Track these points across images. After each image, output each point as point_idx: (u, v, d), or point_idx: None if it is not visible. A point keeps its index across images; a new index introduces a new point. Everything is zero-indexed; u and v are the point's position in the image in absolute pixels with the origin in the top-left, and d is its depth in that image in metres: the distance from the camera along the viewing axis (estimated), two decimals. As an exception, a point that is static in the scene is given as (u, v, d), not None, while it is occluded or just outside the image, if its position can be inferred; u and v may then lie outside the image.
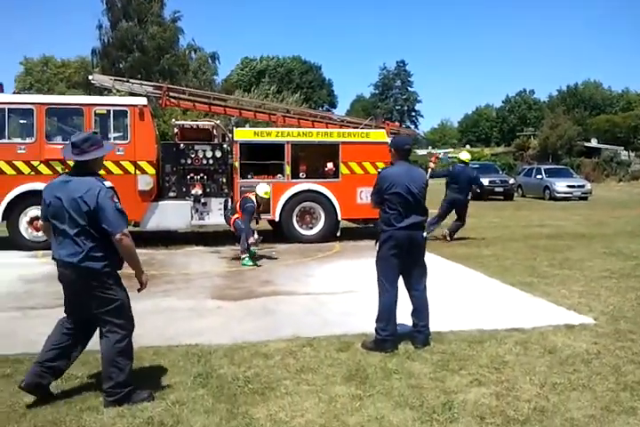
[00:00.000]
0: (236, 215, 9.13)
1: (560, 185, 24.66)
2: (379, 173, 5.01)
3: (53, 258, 3.80)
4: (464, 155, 12.66)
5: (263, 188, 9.15)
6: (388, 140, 10.74)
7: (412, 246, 4.83)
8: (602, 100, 78.94)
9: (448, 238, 11.43)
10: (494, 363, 4.51)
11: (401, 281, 4.99)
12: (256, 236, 9.04)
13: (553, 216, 16.92)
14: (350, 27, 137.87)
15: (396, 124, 16.82)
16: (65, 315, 3.94)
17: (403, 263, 4.87)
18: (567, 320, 5.64)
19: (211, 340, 5.05)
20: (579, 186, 25.06)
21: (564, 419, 3.56)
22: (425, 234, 4.93)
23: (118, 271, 3.83)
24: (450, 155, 62.12)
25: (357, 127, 12.59)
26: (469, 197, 12.18)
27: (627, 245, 10.73)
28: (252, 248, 9.02)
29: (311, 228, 11.23)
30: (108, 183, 3.68)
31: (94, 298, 3.70)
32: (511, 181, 25.62)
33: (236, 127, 12.22)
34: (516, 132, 72.42)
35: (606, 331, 5.34)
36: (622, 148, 54.22)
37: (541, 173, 26.03)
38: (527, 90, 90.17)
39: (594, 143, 54.48)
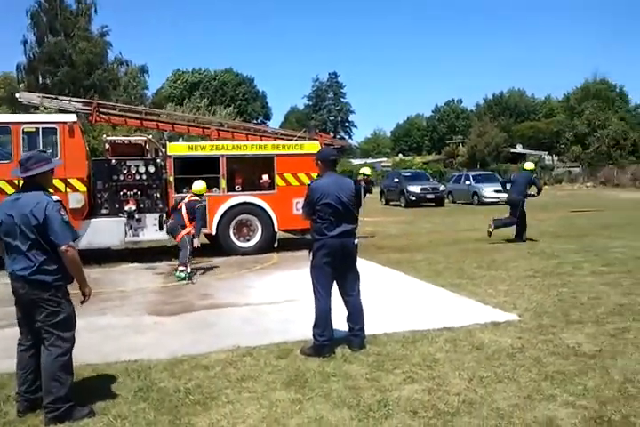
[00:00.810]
0: (187, 230, 9.06)
1: (487, 190, 25.66)
2: (308, 185, 5.21)
3: (8, 273, 3.88)
4: (528, 164, 14.39)
5: (200, 184, 9.31)
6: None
7: (345, 254, 5.04)
8: (526, 107, 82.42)
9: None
10: (426, 361, 4.75)
11: (335, 287, 5.18)
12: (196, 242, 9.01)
13: (481, 220, 17.53)
14: (282, 39, 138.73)
15: (329, 135, 17.20)
16: (19, 337, 3.99)
17: (336, 270, 5.06)
18: (493, 318, 5.96)
19: (150, 355, 5.07)
20: (505, 191, 26.07)
21: (490, 409, 3.80)
22: (356, 241, 5.14)
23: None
24: (382, 164, 63.38)
25: (291, 139, 12.79)
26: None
27: (549, 245, 11.34)
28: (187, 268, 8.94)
29: (248, 240, 11.31)
30: (55, 197, 3.84)
31: (43, 310, 3.75)
32: (442, 187, 26.52)
33: (170, 142, 12.19)
34: (445, 141, 74.54)
35: (530, 326, 5.69)
36: (546, 152, 56.73)
37: (470, 180, 27.05)
38: (455, 99, 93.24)
39: (519, 149, 56.83)
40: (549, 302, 6.69)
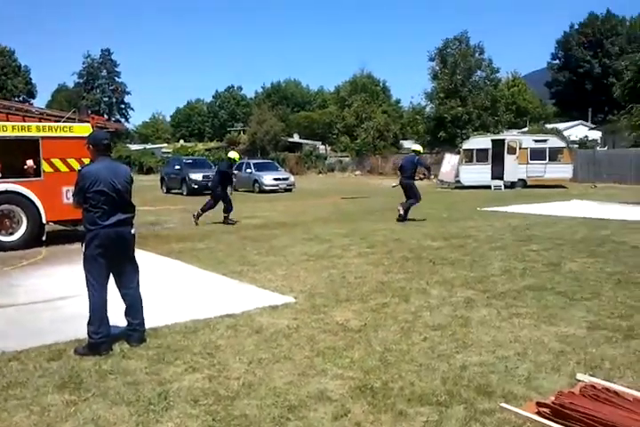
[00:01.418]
0: None
1: (267, 178, 26.51)
2: (79, 171, 4.91)
3: None
4: (416, 146, 15.63)
5: None
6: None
7: (120, 244, 4.85)
8: (302, 97, 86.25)
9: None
10: (207, 349, 4.83)
11: (112, 280, 4.99)
12: None
13: (262, 208, 18.17)
14: (50, 8, 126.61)
15: (103, 117, 16.23)
16: None
17: (112, 262, 4.86)
18: (272, 302, 6.25)
19: None
20: (284, 179, 27.25)
21: (268, 389, 4.01)
22: (133, 230, 4.99)
23: None
24: (163, 150, 61.71)
25: (59, 121, 11.83)
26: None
27: (322, 230, 12.15)
28: None
29: (12, 233, 10.25)
30: None
31: None
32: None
33: None
34: (227, 128, 75.01)
35: (304, 307, 6.08)
36: (320, 142, 60.17)
37: (251, 168, 27.65)
38: (235, 86, 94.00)
39: (296, 138, 59.45)
40: (322, 283, 7.20)
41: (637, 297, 6.25)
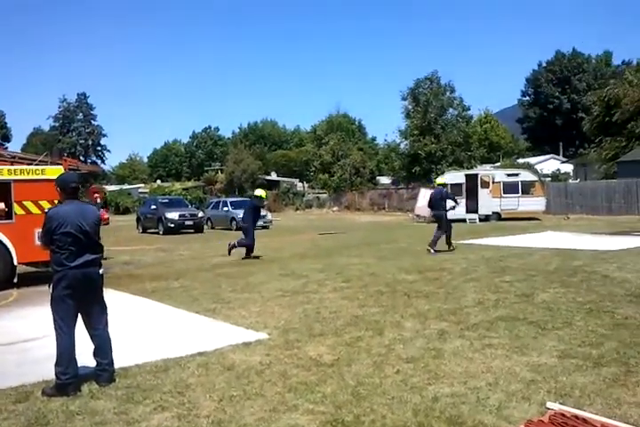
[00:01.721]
0: None
1: (244, 216, 26.48)
2: (46, 212, 4.92)
3: None
4: (439, 179, 16.95)
5: None
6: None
7: (88, 285, 4.83)
8: (278, 136, 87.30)
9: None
10: (178, 387, 4.76)
11: (80, 321, 4.94)
12: None
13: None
14: (25, 54, 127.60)
15: (75, 160, 16.26)
16: None
17: (79, 303, 4.82)
18: (245, 338, 6.20)
19: None
20: (262, 216, 27.23)
21: (238, 426, 3.96)
22: (101, 271, 4.97)
23: None
24: (140, 190, 61.61)
25: (32, 164, 11.82)
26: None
27: (299, 266, 12.14)
28: None
29: (-18, 276, 10.11)
30: None
31: None
32: (200, 214, 26.68)
33: None
34: (204, 167, 75.32)
35: (277, 343, 6.04)
36: (297, 180, 60.64)
37: (227, 206, 27.68)
38: (212, 126, 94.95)
39: (274, 176, 59.90)
40: (296, 318, 7.17)
41: (608, 326, 6.32)
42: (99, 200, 16.21)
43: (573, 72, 68.62)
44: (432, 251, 13.68)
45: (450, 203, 14.63)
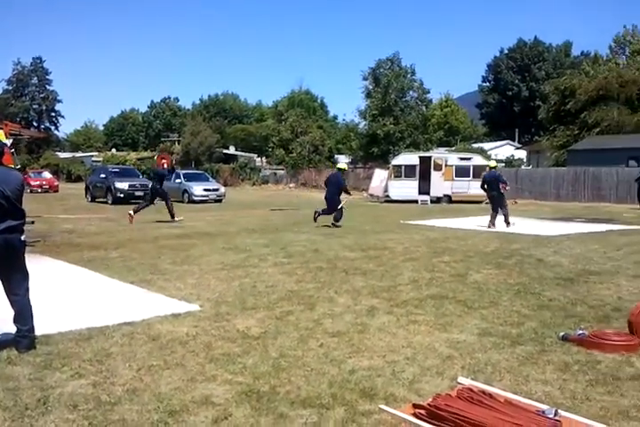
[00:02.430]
0: None
1: (197, 189, 26.27)
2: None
3: None
4: (492, 162, 17.75)
5: None
6: (7, 141, 10.10)
7: (9, 251, 4.72)
8: (240, 110, 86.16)
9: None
10: (98, 356, 4.72)
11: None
12: None
13: (188, 217, 17.94)
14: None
15: (17, 124, 15.75)
16: None
17: (0, 268, 4.72)
18: (175, 310, 6.17)
19: None
20: (214, 189, 27.07)
21: (152, 394, 3.97)
22: (23, 237, 4.86)
23: None
24: (93, 158, 60.14)
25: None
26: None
27: (244, 240, 12.12)
28: None
29: None
30: None
31: None
32: (151, 184, 26.19)
33: None
34: (161, 138, 73.92)
35: (208, 315, 6.04)
36: (256, 155, 60.16)
37: (180, 178, 27.30)
38: (172, 97, 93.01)
39: (232, 150, 59.24)
40: (231, 291, 7.17)
41: (532, 307, 6.54)
42: (165, 166, 17.04)
43: (534, 60, 69.54)
44: (511, 224, 15.38)
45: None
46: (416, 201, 27.01)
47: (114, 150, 71.00)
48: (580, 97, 38.89)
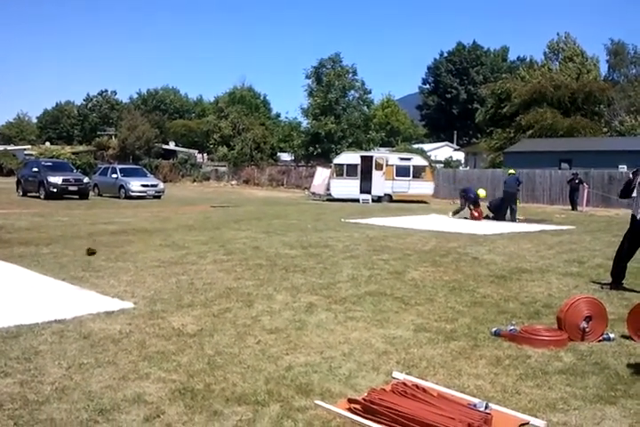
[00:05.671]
0: None
1: (134, 184, 25.63)
2: None
3: None
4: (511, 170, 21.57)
5: None
6: None
7: None
8: (180, 105, 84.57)
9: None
10: (26, 354, 4.54)
11: None
12: None
13: (123, 214, 17.50)
14: None
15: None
16: None
17: None
18: (108, 307, 6.00)
19: None
20: (152, 185, 26.49)
21: (82, 393, 3.84)
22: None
23: None
24: (26, 152, 57.87)
25: None
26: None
27: (182, 237, 11.92)
28: None
29: None
30: None
31: None
32: (86, 179, 25.45)
33: None
34: (97, 132, 71.87)
35: (142, 313, 5.90)
36: (197, 151, 59.23)
37: (117, 173, 26.60)
38: (109, 90, 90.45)
39: (172, 146, 58.11)
40: (167, 289, 7.03)
41: (466, 303, 6.71)
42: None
43: (472, 64, 71.33)
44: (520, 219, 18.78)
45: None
46: (358, 200, 27.25)
47: (48, 144, 68.38)
48: (515, 100, 40.25)
